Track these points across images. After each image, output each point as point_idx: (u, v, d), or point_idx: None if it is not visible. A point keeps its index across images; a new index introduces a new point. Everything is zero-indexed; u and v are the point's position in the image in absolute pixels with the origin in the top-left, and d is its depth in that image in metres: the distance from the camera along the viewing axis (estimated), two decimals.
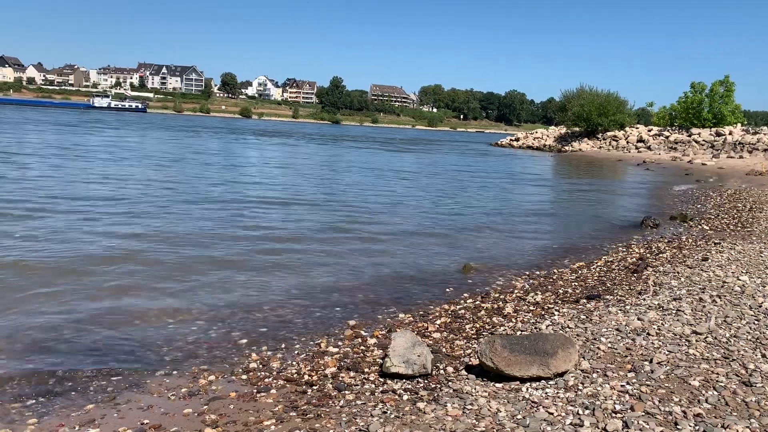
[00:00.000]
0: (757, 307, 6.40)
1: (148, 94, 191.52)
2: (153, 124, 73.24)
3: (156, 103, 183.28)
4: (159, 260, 8.87)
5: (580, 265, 9.44)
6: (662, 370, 4.70)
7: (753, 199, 18.79)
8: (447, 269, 9.30)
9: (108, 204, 13.39)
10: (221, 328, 6.27)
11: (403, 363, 4.79)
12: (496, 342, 4.75)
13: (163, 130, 58.02)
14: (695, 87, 56.75)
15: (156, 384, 4.84)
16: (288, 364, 5.27)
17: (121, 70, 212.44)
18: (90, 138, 38.71)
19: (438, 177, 26.75)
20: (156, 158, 26.62)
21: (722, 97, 55.33)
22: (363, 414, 4.15)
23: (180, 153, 31.24)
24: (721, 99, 55.26)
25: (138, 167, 22.12)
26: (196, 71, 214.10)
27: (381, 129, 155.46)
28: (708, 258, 9.20)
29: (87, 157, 24.87)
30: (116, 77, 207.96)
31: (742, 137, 45.68)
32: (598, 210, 17.44)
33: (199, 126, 79.81)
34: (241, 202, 15.10)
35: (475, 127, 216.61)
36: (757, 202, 17.85)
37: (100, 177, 18.21)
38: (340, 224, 12.59)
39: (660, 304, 6.64)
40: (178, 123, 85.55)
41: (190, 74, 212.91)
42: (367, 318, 6.75)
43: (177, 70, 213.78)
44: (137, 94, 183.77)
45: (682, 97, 58.01)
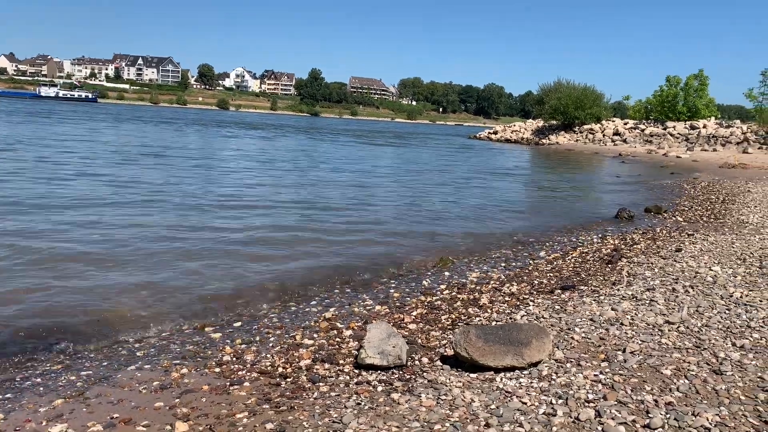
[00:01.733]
0: (728, 297, 6.49)
1: (124, 86, 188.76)
2: (109, 116, 71.79)
3: (132, 94, 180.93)
4: (131, 254, 8.74)
5: (556, 256, 9.50)
6: (635, 359, 4.74)
7: (726, 191, 19.08)
8: (424, 262, 9.30)
9: (73, 198, 13.17)
10: (195, 323, 6.20)
11: (378, 354, 4.77)
12: (471, 332, 4.75)
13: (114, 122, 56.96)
14: (670, 81, 57.42)
15: (127, 378, 4.77)
16: (262, 356, 5.22)
17: (95, 61, 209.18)
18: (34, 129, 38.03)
19: (416, 170, 26.77)
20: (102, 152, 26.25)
21: (696, 90, 56.07)
22: (337, 406, 4.13)
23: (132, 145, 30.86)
24: (696, 93, 55.99)
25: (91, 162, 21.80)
26: (172, 62, 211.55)
27: (360, 121, 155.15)
28: (681, 249, 9.31)
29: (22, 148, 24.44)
30: (91, 68, 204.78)
31: (715, 130, 46.39)
32: (574, 202, 17.58)
33: (165, 117, 78.79)
34: (214, 197, 14.95)
35: (454, 120, 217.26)
36: (729, 194, 18.12)
37: (72, 171, 17.91)
38: (317, 218, 12.53)
39: (634, 294, 6.71)
40: (138, 114, 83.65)
41: (167, 66, 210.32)
42: (344, 310, 6.72)
43: (153, 62, 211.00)
44: (105, 85, 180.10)
45: (658, 91, 58.66)
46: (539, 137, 60.42)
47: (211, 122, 73.89)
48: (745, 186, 20.43)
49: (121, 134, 38.72)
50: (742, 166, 30.85)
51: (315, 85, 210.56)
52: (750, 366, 4.56)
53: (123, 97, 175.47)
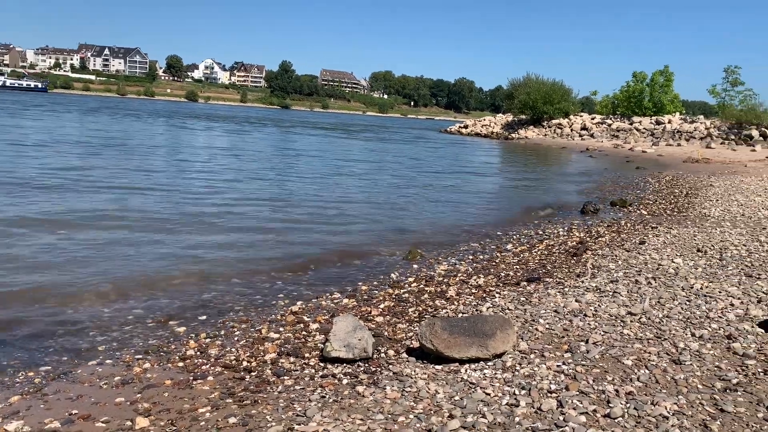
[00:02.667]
0: (689, 289, 6.62)
1: (90, 76, 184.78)
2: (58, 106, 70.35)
3: (98, 85, 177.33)
4: (92, 247, 8.58)
5: (523, 249, 9.59)
6: (597, 350, 4.80)
7: (689, 185, 19.46)
8: (393, 255, 9.31)
9: (31, 188, 12.87)
10: (159, 317, 6.11)
11: (343, 347, 4.76)
12: (436, 324, 4.76)
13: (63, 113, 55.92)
14: (637, 76, 58.40)
15: (87, 373, 4.68)
16: (227, 350, 5.17)
17: (60, 50, 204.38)
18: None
19: (386, 164, 26.78)
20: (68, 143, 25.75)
21: (662, 86, 57.14)
22: (301, 399, 4.11)
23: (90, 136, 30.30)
24: (661, 88, 57.06)
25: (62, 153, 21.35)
26: (140, 53, 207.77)
27: (331, 114, 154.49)
28: (645, 242, 9.47)
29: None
30: (55, 58, 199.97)
31: (680, 125, 47.33)
32: (541, 196, 17.76)
33: (129, 108, 77.46)
34: (179, 189, 14.75)
35: (425, 114, 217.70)
36: (692, 188, 18.49)
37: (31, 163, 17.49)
38: (285, 211, 12.45)
39: (597, 286, 6.80)
40: (93, 105, 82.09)
41: (134, 56, 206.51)
42: (311, 303, 6.69)
43: (120, 52, 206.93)
44: (70, 75, 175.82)
45: (624, 87, 59.63)
46: (509, 132, 60.90)
47: (178, 114, 72.81)
48: (707, 180, 20.86)
49: (63, 125, 37.93)
50: (705, 161, 31.50)
51: (285, 78, 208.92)
52: (708, 356, 4.66)
53: (89, 88, 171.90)
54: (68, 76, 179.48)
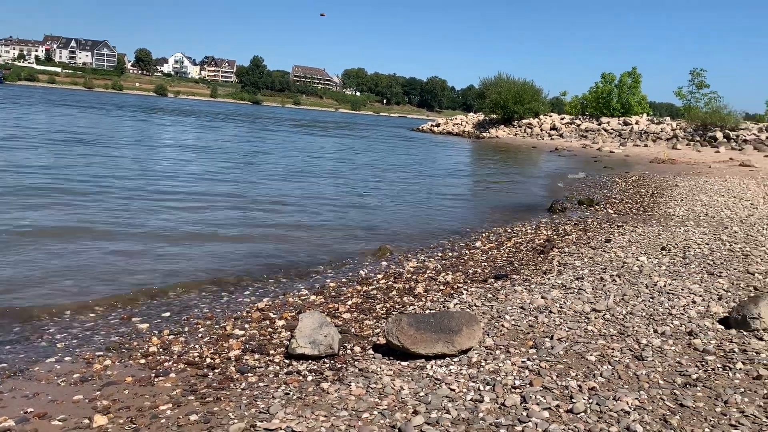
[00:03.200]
0: (652, 286, 6.72)
1: (56, 69, 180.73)
2: (18, 98, 68.93)
3: (64, 78, 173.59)
4: (54, 243, 8.39)
5: (491, 246, 9.64)
6: (561, 346, 4.84)
7: (655, 185, 19.82)
8: (363, 252, 9.28)
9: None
10: (121, 314, 5.99)
11: (309, 344, 4.72)
12: (403, 320, 4.75)
13: (19, 106, 54.75)
14: (605, 78, 59.27)
15: (45, 371, 4.55)
16: (190, 347, 5.08)
17: (25, 42, 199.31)
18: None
19: (357, 161, 26.72)
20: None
21: (630, 88, 58.08)
22: (265, 396, 4.06)
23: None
24: (629, 90, 57.99)
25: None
26: (108, 46, 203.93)
27: (303, 111, 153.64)
28: (611, 240, 9.60)
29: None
30: (19, 49, 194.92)
31: (647, 126, 48.17)
32: (511, 194, 17.91)
33: (94, 102, 76.09)
34: (144, 186, 14.52)
35: (398, 112, 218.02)
36: (658, 188, 18.83)
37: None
38: (254, 208, 12.34)
39: (563, 283, 6.87)
40: (54, 98, 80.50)
41: (102, 49, 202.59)
42: (278, 300, 6.62)
43: (87, 45, 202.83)
44: (34, 67, 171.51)
45: (593, 88, 60.47)
46: (480, 131, 61.30)
47: (147, 108, 71.69)
48: (673, 180, 21.27)
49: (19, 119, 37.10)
50: (671, 161, 32.11)
51: (257, 73, 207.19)
52: (669, 352, 4.73)
53: (54, 80, 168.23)
54: (33, 68, 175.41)
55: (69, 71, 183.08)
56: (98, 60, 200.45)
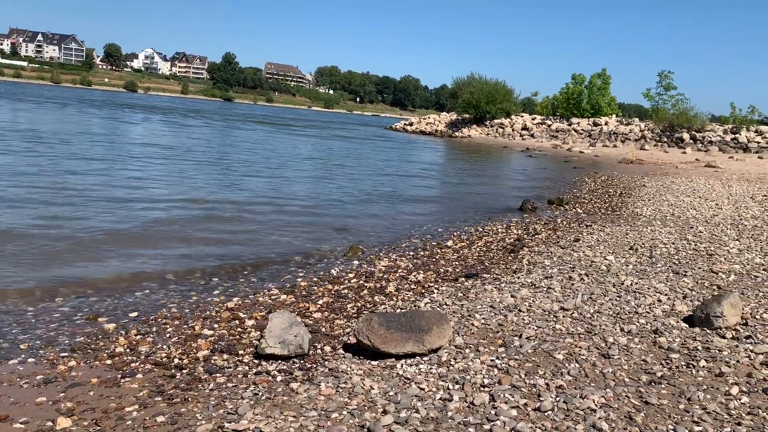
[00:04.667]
0: (619, 285, 6.83)
1: (21, 63, 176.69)
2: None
3: (30, 72, 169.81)
4: (16, 242, 8.20)
5: (462, 245, 9.70)
6: (530, 344, 4.89)
7: (623, 185, 20.15)
8: (334, 252, 9.25)
9: None
10: (87, 314, 5.87)
11: (278, 344, 4.69)
12: (373, 320, 4.75)
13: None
14: (576, 79, 60.02)
15: (7, 373, 4.45)
16: (158, 347, 5.01)
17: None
18: None
19: (329, 160, 26.65)
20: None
21: (600, 89, 58.89)
22: (233, 396, 4.02)
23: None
24: (599, 91, 58.79)
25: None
26: (76, 40, 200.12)
27: (276, 108, 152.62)
28: (579, 239, 9.73)
29: None
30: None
31: (616, 127, 48.94)
32: (482, 194, 18.03)
33: (61, 98, 74.65)
34: (112, 184, 14.29)
35: (371, 111, 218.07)
36: (626, 188, 19.15)
37: None
38: (223, 207, 12.20)
39: (533, 282, 6.94)
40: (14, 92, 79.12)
41: (70, 43, 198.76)
42: (248, 300, 6.57)
43: (55, 39, 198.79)
44: (0, 61, 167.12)
45: (564, 88, 61.17)
46: (452, 130, 61.60)
47: (115, 104, 70.53)
48: (641, 180, 21.64)
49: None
50: (639, 162, 32.66)
51: (229, 70, 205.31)
52: (635, 350, 4.82)
53: (20, 75, 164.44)
54: None
55: (35, 65, 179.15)
56: (66, 55, 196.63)
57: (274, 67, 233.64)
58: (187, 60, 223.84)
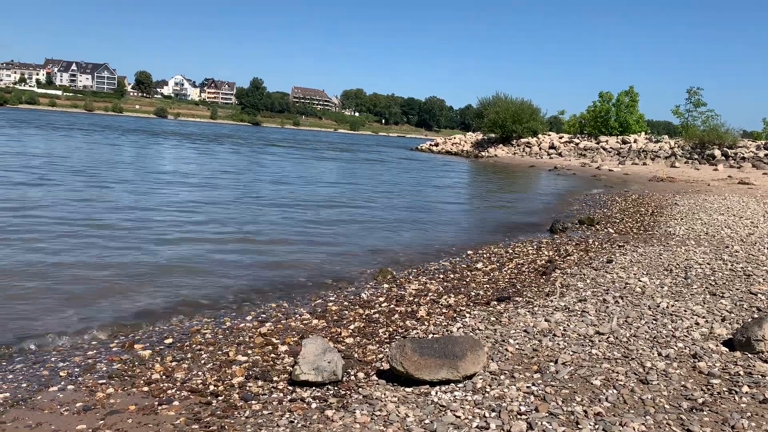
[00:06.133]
0: (655, 307, 6.71)
1: (56, 92, 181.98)
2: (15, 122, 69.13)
3: (64, 101, 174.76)
4: (55, 268, 8.39)
5: (492, 267, 9.64)
6: (566, 370, 4.83)
7: (654, 203, 19.85)
8: (364, 274, 9.27)
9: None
10: (124, 341, 5.96)
11: (312, 370, 4.70)
12: (407, 346, 4.74)
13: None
14: (603, 97, 59.65)
15: (48, 400, 4.53)
16: (193, 374, 5.06)
17: (26, 65, 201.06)
18: None
19: (357, 181, 26.78)
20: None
21: (627, 106, 58.43)
22: (269, 424, 4.03)
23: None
24: (627, 109, 58.31)
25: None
26: (108, 69, 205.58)
27: (303, 132, 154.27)
28: (612, 260, 9.60)
29: None
30: (21, 73, 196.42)
31: (645, 145, 48.36)
32: (511, 215, 17.93)
33: (92, 125, 76.37)
34: (145, 209, 14.54)
35: (396, 132, 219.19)
36: (658, 206, 18.86)
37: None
38: (254, 231, 12.34)
39: (566, 305, 6.86)
40: (45, 120, 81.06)
41: (102, 72, 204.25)
42: (280, 325, 6.60)
43: (88, 68, 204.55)
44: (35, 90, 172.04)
45: (591, 107, 60.84)
46: (478, 150, 61.52)
47: (146, 131, 72.00)
48: (672, 199, 21.31)
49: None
50: (669, 180, 32.20)
51: (257, 95, 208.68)
52: (674, 375, 4.72)
53: (55, 103, 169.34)
54: (33, 92, 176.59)
55: (69, 94, 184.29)
56: (99, 83, 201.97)
57: (300, 91, 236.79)
58: (216, 86, 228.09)
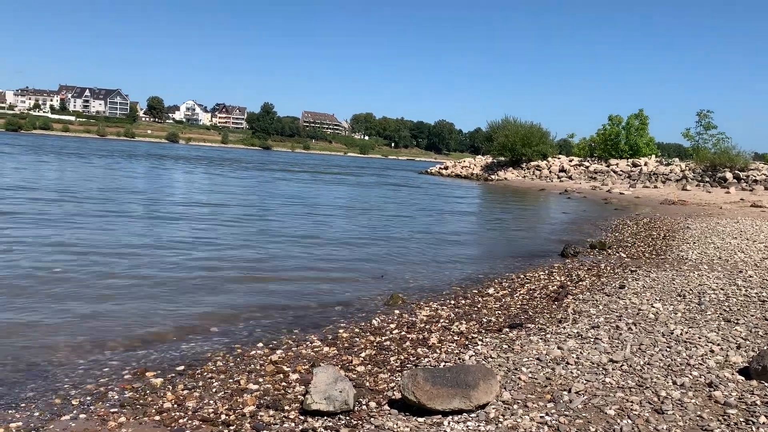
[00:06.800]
0: (669, 334, 6.65)
1: (70, 117, 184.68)
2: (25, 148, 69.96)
3: (78, 126, 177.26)
4: (66, 294, 8.44)
5: (504, 293, 9.59)
6: (580, 399, 4.78)
7: (666, 227, 19.73)
8: (374, 301, 9.25)
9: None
10: (135, 368, 5.97)
11: (324, 399, 4.68)
12: (419, 375, 4.72)
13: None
14: (612, 120, 59.61)
15: (60, 429, 4.53)
16: (205, 403, 5.05)
17: (40, 92, 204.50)
18: None
19: (367, 206, 26.83)
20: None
21: (637, 129, 58.33)
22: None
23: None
24: (637, 132, 58.23)
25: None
26: (120, 95, 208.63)
27: (313, 155, 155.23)
28: (625, 286, 9.54)
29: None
30: (35, 99, 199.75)
31: (656, 168, 48.20)
32: (522, 239, 17.87)
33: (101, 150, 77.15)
34: (154, 235, 14.61)
35: (406, 155, 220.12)
36: (670, 230, 18.75)
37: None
38: (264, 257, 12.36)
39: (579, 332, 6.81)
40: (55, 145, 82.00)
41: (115, 98, 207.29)
42: (291, 352, 6.58)
43: (101, 94, 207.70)
44: (49, 116, 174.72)
45: (601, 130, 60.76)
46: (488, 173, 61.56)
47: (158, 156, 72.68)
48: (684, 222, 21.18)
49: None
50: (681, 203, 32.04)
51: (267, 119, 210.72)
52: (690, 405, 4.66)
53: (68, 129, 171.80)
54: (48, 117, 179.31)
55: (83, 120, 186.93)
56: (111, 108, 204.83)
57: (310, 115, 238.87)
58: (227, 110, 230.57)
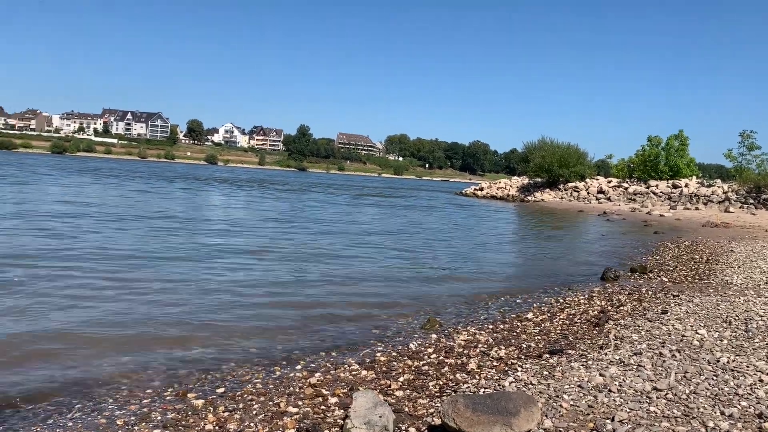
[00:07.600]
0: (715, 362, 6.47)
1: (112, 140, 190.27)
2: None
3: (119, 149, 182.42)
4: (110, 317, 8.62)
5: (543, 318, 9.47)
6: (624, 428, 4.68)
7: (709, 250, 19.25)
8: (411, 324, 9.23)
9: (41, 257, 13.06)
10: (177, 389, 6.06)
11: (364, 425, 4.68)
12: (459, 402, 4.69)
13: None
14: (652, 141, 58.67)
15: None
16: (245, 425, 5.10)
17: (84, 115, 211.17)
18: None
19: (403, 228, 26.84)
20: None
21: (677, 150, 57.26)
22: None
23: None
24: (677, 152, 57.16)
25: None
26: (161, 118, 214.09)
27: (348, 176, 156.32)
28: (667, 311, 9.33)
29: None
30: (79, 122, 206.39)
31: (697, 189, 47.21)
32: (560, 262, 17.64)
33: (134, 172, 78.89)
34: (195, 257, 14.85)
35: (440, 176, 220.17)
36: (713, 253, 18.29)
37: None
38: (302, 279, 12.45)
39: (621, 358, 6.67)
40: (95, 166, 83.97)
41: (156, 120, 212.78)
42: (329, 375, 6.61)
43: (142, 117, 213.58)
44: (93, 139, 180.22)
45: (640, 150, 59.84)
46: (524, 194, 61.08)
47: (194, 177, 74.12)
48: (728, 245, 20.65)
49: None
50: (724, 225, 31.27)
51: (303, 141, 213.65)
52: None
53: (110, 151, 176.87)
54: (91, 140, 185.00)
55: (124, 142, 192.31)
56: (152, 131, 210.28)
57: (345, 137, 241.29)
58: (264, 133, 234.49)
